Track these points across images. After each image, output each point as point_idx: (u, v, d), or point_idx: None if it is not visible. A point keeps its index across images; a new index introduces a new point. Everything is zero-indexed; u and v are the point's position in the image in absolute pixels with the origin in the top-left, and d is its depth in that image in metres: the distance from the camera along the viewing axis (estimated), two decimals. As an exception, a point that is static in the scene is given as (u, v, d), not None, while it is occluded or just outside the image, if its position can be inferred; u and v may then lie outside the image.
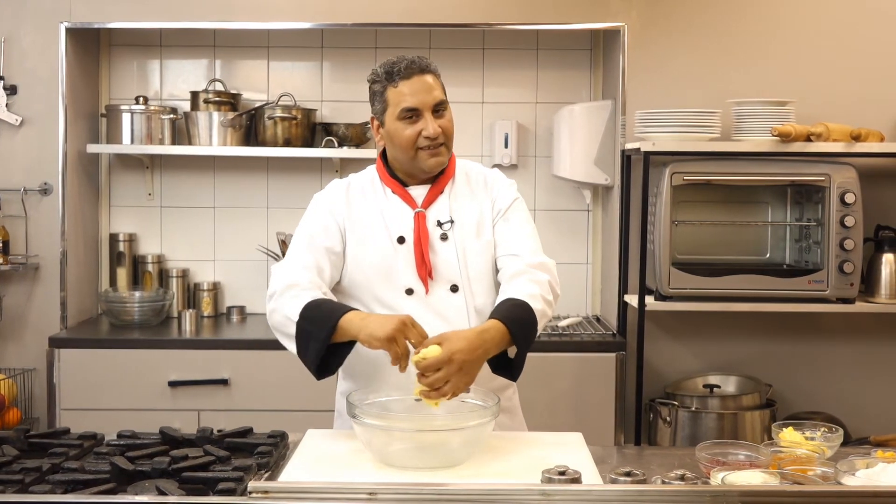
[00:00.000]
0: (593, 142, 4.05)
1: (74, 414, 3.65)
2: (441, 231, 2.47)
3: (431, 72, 2.44)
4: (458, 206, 2.50)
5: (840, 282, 3.67)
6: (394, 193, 2.49)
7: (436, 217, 2.47)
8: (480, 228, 2.49)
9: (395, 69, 2.41)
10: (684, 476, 1.86)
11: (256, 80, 4.32)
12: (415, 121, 2.40)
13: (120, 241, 4.24)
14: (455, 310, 2.42)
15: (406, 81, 2.40)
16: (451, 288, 2.44)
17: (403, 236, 2.45)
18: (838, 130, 3.67)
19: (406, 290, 2.43)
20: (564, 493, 1.73)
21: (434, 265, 2.43)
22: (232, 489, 1.82)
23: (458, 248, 2.46)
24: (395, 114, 2.41)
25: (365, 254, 2.45)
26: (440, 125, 2.41)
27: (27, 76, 3.95)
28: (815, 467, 2.03)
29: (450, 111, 2.47)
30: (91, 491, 1.83)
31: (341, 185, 2.55)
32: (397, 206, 2.48)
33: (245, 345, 3.78)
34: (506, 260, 2.46)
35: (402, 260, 2.43)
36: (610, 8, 3.92)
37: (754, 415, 3.69)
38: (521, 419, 2.60)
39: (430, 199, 2.48)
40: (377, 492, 1.71)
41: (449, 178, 2.51)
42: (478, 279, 2.46)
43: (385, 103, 2.43)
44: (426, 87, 2.41)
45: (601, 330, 3.98)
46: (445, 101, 2.45)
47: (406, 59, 2.43)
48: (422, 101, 2.39)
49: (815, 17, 3.95)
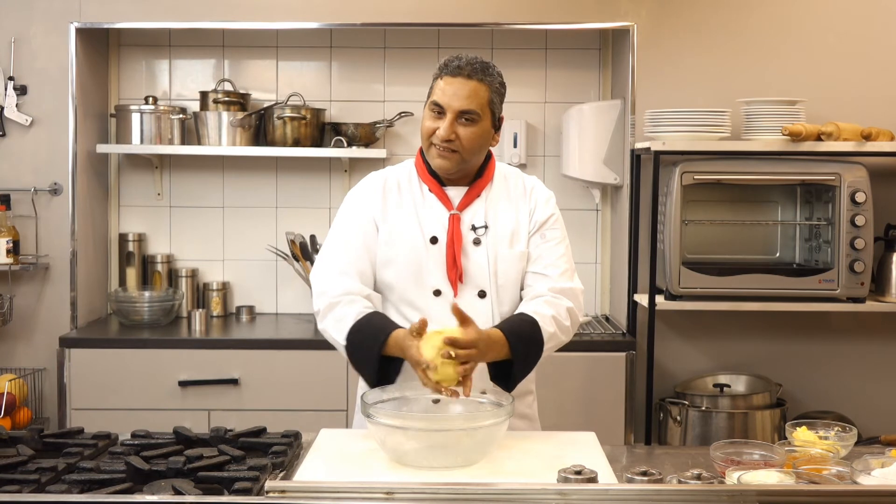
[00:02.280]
0: (603, 141, 4.05)
1: (85, 414, 3.66)
2: (475, 235, 2.46)
3: (480, 81, 2.39)
4: (494, 212, 2.48)
5: (850, 281, 3.66)
6: (430, 192, 2.48)
7: (471, 221, 2.46)
8: (514, 237, 2.48)
9: (449, 64, 2.41)
10: (700, 475, 1.85)
11: (265, 79, 4.32)
12: (438, 117, 2.40)
13: (129, 240, 4.25)
14: (481, 315, 2.40)
15: (449, 78, 2.39)
16: (479, 293, 2.44)
17: (436, 236, 2.44)
18: (849, 130, 3.66)
19: (434, 290, 2.42)
20: (581, 493, 1.73)
21: (465, 269, 2.43)
22: (248, 489, 1.82)
23: (489, 254, 2.45)
24: (429, 103, 2.42)
25: (396, 252, 2.44)
26: (459, 132, 2.37)
27: (37, 76, 3.96)
28: (831, 467, 2.03)
29: (482, 126, 2.40)
30: (107, 491, 1.83)
31: (377, 181, 2.53)
32: (433, 205, 2.47)
33: (255, 344, 3.79)
34: (534, 278, 2.47)
35: (432, 260, 2.43)
36: (619, 7, 3.91)
37: (764, 414, 3.69)
38: (538, 427, 2.61)
39: (466, 202, 2.47)
40: (395, 491, 1.71)
41: (487, 181, 2.50)
42: (506, 287, 2.46)
43: (430, 91, 2.44)
44: (464, 91, 2.37)
45: (611, 329, 3.98)
46: (478, 113, 2.38)
47: (464, 59, 2.40)
48: (449, 102, 2.37)
49: (826, 16, 3.94)
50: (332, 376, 3.67)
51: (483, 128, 2.41)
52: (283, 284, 4.32)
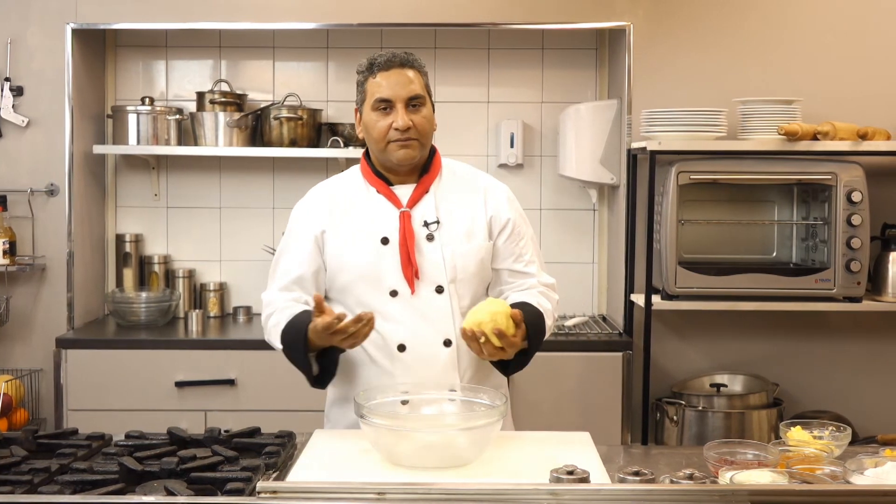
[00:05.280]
0: (599, 141, 4.05)
1: (81, 414, 3.65)
2: (427, 231, 2.46)
3: (413, 67, 2.45)
4: (445, 206, 2.49)
5: (847, 280, 3.66)
6: (378, 193, 2.49)
7: (422, 217, 2.47)
8: (471, 231, 2.49)
9: (376, 61, 2.44)
10: (693, 475, 1.85)
11: (262, 80, 4.32)
12: (388, 112, 2.41)
13: (126, 241, 4.25)
14: (439, 311, 2.43)
15: (384, 73, 2.42)
16: (437, 289, 2.44)
17: (387, 237, 2.44)
18: (845, 129, 3.66)
19: (391, 291, 2.43)
20: (573, 493, 1.73)
21: (420, 266, 2.43)
22: (240, 489, 1.83)
23: (444, 249, 2.45)
24: (370, 104, 2.43)
25: (349, 257, 2.46)
26: (413, 120, 2.40)
27: (33, 77, 3.96)
28: (824, 466, 2.03)
29: (429, 108, 2.46)
30: (100, 491, 1.83)
31: (322, 192, 2.57)
32: (382, 205, 2.48)
33: (251, 345, 3.78)
34: (517, 276, 2.53)
35: (386, 261, 2.43)
36: (615, 7, 3.91)
37: (761, 414, 3.69)
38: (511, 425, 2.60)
39: (415, 198, 2.47)
40: (386, 492, 1.71)
41: (434, 176, 2.51)
42: (464, 281, 2.47)
43: (364, 94, 2.46)
44: (403, 80, 2.41)
45: (607, 329, 3.98)
46: (423, 96, 2.44)
47: (390, 52, 2.45)
48: (395, 93, 2.40)
49: (822, 15, 3.94)
50: (329, 377, 3.66)
51: (429, 111, 2.47)
52: (280, 285, 4.31)
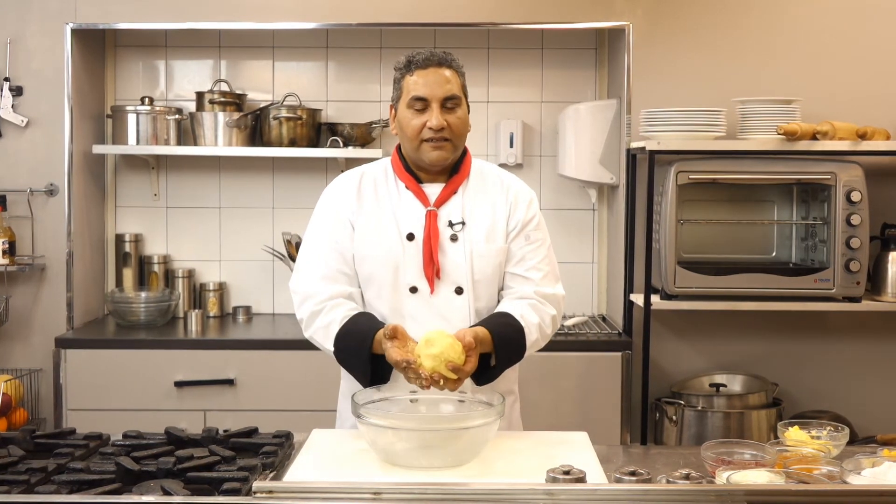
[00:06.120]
0: (598, 141, 4.05)
1: (81, 414, 3.66)
2: (452, 232, 2.45)
3: (451, 67, 2.43)
4: (471, 208, 2.48)
5: (846, 280, 3.66)
6: (407, 189, 2.48)
7: (447, 217, 2.46)
8: (492, 233, 2.47)
9: (414, 59, 2.42)
10: (689, 475, 1.85)
11: (261, 80, 4.32)
12: (423, 111, 2.40)
13: (126, 241, 4.25)
14: (457, 311, 2.42)
15: (421, 71, 2.40)
16: (457, 290, 2.44)
17: (413, 233, 2.44)
18: (844, 129, 3.66)
19: (410, 288, 2.43)
20: (569, 493, 1.73)
21: (441, 265, 2.43)
22: (237, 489, 1.82)
23: (466, 250, 2.45)
24: (405, 101, 2.42)
25: (372, 249, 2.45)
26: (448, 120, 2.39)
27: (33, 77, 3.96)
28: (821, 466, 2.02)
29: (464, 110, 2.44)
30: (96, 491, 1.83)
31: (352, 178, 2.53)
32: (409, 202, 2.47)
33: (251, 345, 3.79)
34: (517, 280, 2.48)
35: (409, 257, 2.43)
36: (615, 7, 3.91)
37: (760, 414, 3.69)
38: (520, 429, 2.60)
39: (443, 198, 2.47)
40: (382, 491, 1.71)
41: (464, 177, 2.50)
42: (482, 283, 2.46)
43: (400, 91, 2.44)
44: (440, 79, 2.40)
45: (607, 329, 3.98)
46: (460, 97, 2.42)
47: (428, 51, 2.44)
48: (431, 92, 2.39)
49: (821, 15, 3.94)
50: (329, 377, 3.63)
51: (465, 112, 2.45)
52: (279, 285, 4.32)
